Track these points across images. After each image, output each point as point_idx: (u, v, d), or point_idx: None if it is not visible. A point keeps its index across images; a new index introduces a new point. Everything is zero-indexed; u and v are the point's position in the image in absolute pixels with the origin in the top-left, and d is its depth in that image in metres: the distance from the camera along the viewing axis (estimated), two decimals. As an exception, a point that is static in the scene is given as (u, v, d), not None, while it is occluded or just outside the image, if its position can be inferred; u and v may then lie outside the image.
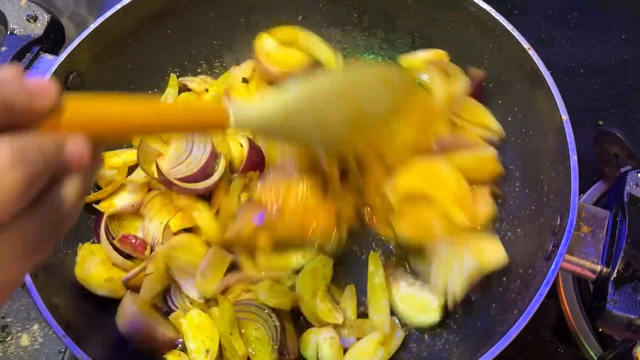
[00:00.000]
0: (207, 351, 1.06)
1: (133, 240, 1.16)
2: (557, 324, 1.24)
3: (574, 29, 1.58)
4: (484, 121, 1.28)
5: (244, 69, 1.41)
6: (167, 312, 1.14)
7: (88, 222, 1.23)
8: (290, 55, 1.38)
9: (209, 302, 1.13)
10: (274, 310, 1.09)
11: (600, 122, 1.49)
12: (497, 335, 0.93)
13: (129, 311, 1.08)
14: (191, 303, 1.13)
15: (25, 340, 1.29)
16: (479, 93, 1.30)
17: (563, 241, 0.93)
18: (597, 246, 0.97)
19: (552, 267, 0.92)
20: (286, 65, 1.36)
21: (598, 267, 0.96)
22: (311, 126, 0.98)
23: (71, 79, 1.19)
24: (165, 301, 1.16)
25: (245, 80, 1.39)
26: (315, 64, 1.38)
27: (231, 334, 1.06)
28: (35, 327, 1.30)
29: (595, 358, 1.16)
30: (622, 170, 1.25)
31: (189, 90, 1.39)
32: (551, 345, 1.22)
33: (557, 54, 1.25)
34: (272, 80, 1.36)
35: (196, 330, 1.09)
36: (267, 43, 1.38)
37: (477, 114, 1.27)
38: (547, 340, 1.24)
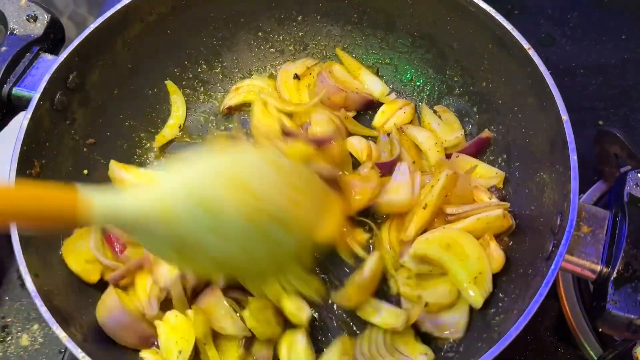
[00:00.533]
0: (180, 352, 1.06)
1: (115, 243, 1.18)
2: (557, 324, 1.24)
3: (574, 29, 1.58)
4: (483, 174, 1.27)
5: (298, 66, 1.43)
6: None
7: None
8: (303, 97, 1.40)
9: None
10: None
11: (600, 122, 1.49)
12: (497, 335, 0.93)
13: (112, 305, 1.09)
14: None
15: (25, 340, 1.29)
16: (479, 150, 1.31)
17: (563, 241, 0.93)
18: (597, 246, 0.97)
19: (552, 267, 0.92)
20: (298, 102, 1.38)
21: (598, 267, 0.96)
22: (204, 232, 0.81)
23: (71, 79, 1.19)
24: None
25: (297, 77, 1.40)
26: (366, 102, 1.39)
27: (205, 344, 1.07)
28: (35, 327, 1.30)
29: (595, 358, 1.16)
30: (622, 170, 1.24)
31: (297, 77, 1.41)
32: (551, 345, 1.22)
33: (557, 54, 1.25)
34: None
35: (171, 330, 1.08)
36: (291, 78, 1.40)
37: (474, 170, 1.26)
38: (547, 340, 1.23)
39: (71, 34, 1.57)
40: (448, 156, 1.30)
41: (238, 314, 1.08)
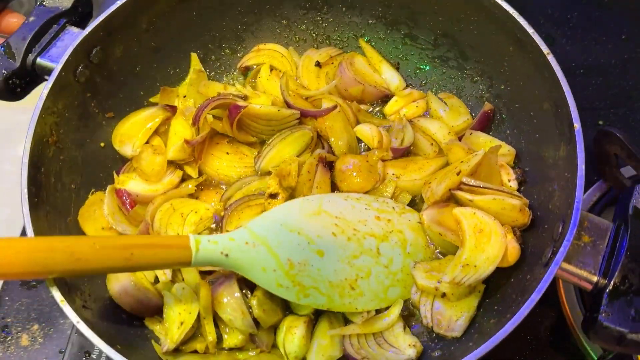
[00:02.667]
0: (181, 323, 1.09)
1: (124, 197, 1.22)
2: (557, 324, 1.23)
3: (574, 29, 1.57)
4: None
5: (321, 54, 1.44)
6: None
7: (110, 167, 1.28)
8: (322, 84, 1.41)
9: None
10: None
11: (600, 122, 1.48)
12: (487, 337, 0.93)
13: (122, 276, 1.12)
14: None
15: (25, 340, 1.31)
16: (485, 124, 1.32)
17: (561, 249, 0.93)
18: (596, 257, 0.96)
19: (547, 274, 0.91)
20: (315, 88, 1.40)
21: (595, 278, 0.95)
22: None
23: (94, 53, 1.21)
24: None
25: (318, 64, 1.42)
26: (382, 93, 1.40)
27: (204, 318, 1.09)
28: (35, 327, 1.32)
29: (595, 358, 1.16)
30: (622, 170, 1.24)
31: (318, 65, 1.42)
32: (551, 345, 1.21)
33: (557, 54, 1.22)
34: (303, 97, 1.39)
35: (177, 302, 1.11)
36: (313, 64, 1.42)
37: (484, 144, 1.27)
38: (547, 340, 1.23)
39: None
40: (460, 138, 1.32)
41: (250, 310, 1.09)
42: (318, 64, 1.42)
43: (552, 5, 1.58)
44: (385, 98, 1.41)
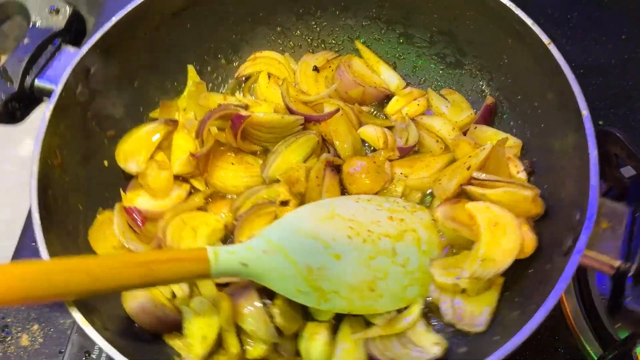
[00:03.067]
0: (204, 337, 1.08)
1: (135, 214, 1.20)
2: (557, 324, 1.24)
3: (574, 29, 1.59)
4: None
5: (318, 58, 1.44)
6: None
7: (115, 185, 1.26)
8: (321, 89, 1.41)
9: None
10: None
11: (600, 122, 1.49)
12: (514, 330, 0.93)
13: (139, 294, 1.11)
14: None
15: (25, 340, 1.29)
16: (488, 117, 1.33)
17: (582, 236, 0.93)
18: (616, 241, 0.97)
19: (571, 262, 0.92)
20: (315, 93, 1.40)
21: (617, 263, 0.95)
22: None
23: (92, 71, 1.20)
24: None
25: (316, 69, 1.41)
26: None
27: (227, 331, 1.08)
28: (35, 327, 1.31)
29: (595, 358, 1.16)
30: (622, 170, 1.24)
31: (316, 69, 1.42)
32: (551, 345, 1.21)
33: None
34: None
35: (196, 317, 1.10)
36: (310, 69, 1.42)
37: (490, 138, 1.28)
38: (547, 340, 1.23)
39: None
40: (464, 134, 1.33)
41: (271, 319, 1.08)
42: (316, 69, 1.42)
43: (552, 5, 1.60)
44: (386, 98, 1.41)
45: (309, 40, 1.48)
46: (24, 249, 1.39)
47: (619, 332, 1.16)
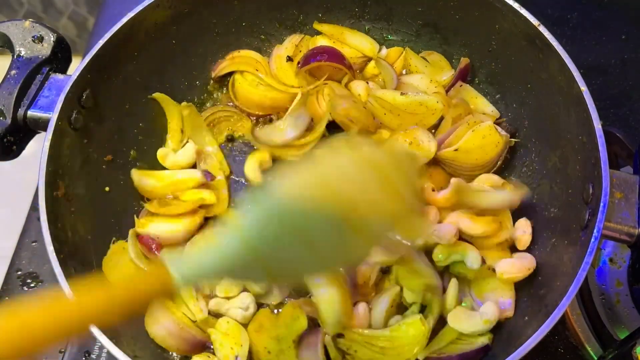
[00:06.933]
0: (236, 357, 1.07)
1: (149, 242, 1.18)
2: (557, 324, 1.24)
3: (574, 29, 1.61)
4: (478, 105, 1.33)
5: (287, 47, 1.42)
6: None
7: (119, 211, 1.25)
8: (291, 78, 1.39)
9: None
10: None
11: (600, 122, 1.51)
12: (545, 308, 0.95)
13: (161, 315, 1.09)
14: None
15: None
16: (464, 77, 1.35)
17: (601, 208, 0.95)
18: (631, 210, 0.99)
19: (595, 234, 0.94)
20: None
21: (636, 231, 0.97)
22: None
23: (85, 97, 1.17)
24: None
25: (290, 59, 1.40)
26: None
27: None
28: None
29: (595, 358, 1.17)
30: (622, 170, 1.27)
31: (290, 59, 1.39)
32: (551, 345, 1.21)
33: None
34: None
35: (224, 337, 1.09)
36: (284, 61, 1.40)
37: (471, 99, 1.32)
38: (547, 340, 1.24)
39: (71, 33, 1.54)
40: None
41: None
42: (290, 59, 1.41)
43: (552, 6, 1.62)
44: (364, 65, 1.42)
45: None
46: (24, 249, 1.38)
47: (619, 332, 1.19)
